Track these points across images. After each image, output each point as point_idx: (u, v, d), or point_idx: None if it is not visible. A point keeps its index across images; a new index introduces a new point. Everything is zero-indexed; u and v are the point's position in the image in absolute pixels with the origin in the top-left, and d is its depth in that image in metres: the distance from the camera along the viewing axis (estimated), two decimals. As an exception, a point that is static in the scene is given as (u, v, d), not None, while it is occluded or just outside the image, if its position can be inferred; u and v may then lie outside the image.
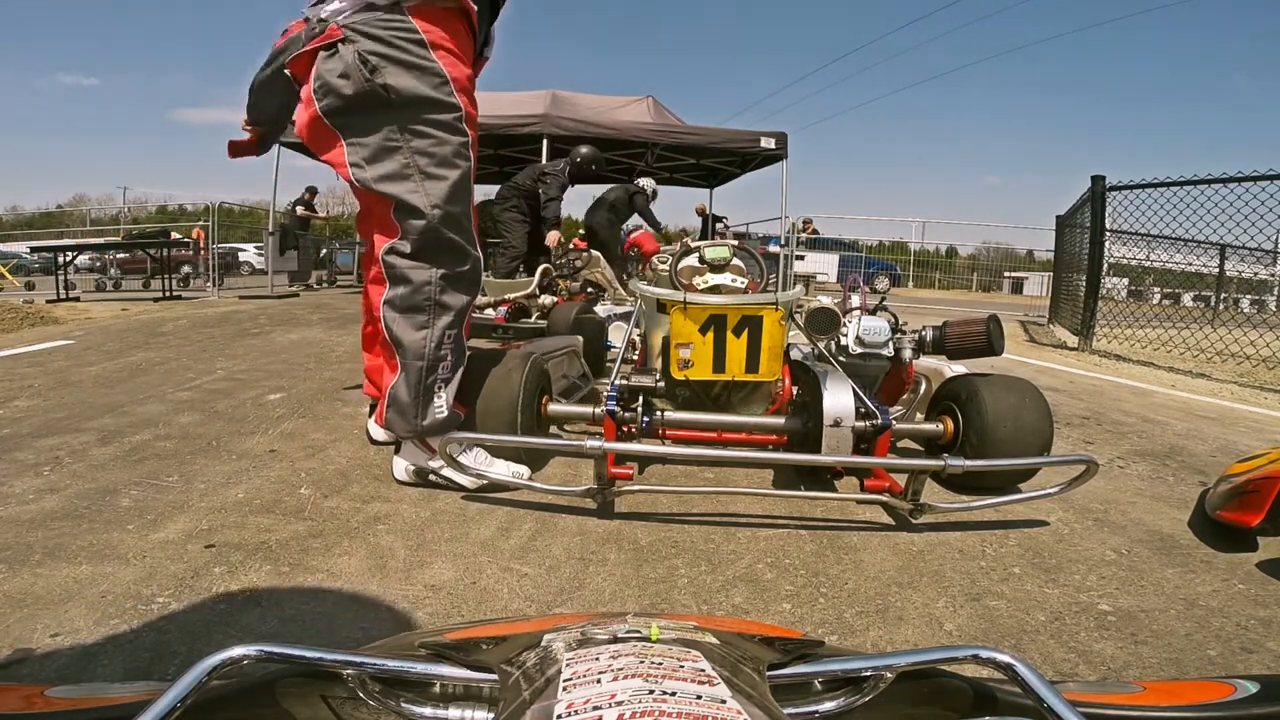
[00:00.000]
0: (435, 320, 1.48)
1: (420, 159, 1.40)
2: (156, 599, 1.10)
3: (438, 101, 1.39)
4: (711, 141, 7.71)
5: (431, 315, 1.48)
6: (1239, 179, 4.25)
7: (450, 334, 1.51)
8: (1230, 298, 7.99)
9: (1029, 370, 3.96)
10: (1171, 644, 1.10)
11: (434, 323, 1.48)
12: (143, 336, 4.09)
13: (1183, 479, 1.99)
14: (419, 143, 1.40)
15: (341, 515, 1.47)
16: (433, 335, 1.48)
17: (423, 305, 1.47)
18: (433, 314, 1.48)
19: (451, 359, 1.54)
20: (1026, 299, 12.03)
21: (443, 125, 1.41)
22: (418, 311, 1.48)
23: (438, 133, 1.41)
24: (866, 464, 1.57)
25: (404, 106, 1.38)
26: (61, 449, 1.84)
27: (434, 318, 1.48)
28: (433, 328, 1.48)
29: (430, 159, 1.41)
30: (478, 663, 0.37)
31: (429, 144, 1.41)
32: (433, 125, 1.40)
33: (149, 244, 8.20)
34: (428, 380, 1.50)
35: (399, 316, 1.48)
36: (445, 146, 1.42)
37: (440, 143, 1.41)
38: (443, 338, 1.50)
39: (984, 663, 0.35)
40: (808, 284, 9.21)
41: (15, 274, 11.58)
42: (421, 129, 1.40)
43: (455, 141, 1.43)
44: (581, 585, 1.22)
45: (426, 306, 1.47)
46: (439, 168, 1.42)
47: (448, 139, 1.42)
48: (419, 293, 1.46)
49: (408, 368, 1.50)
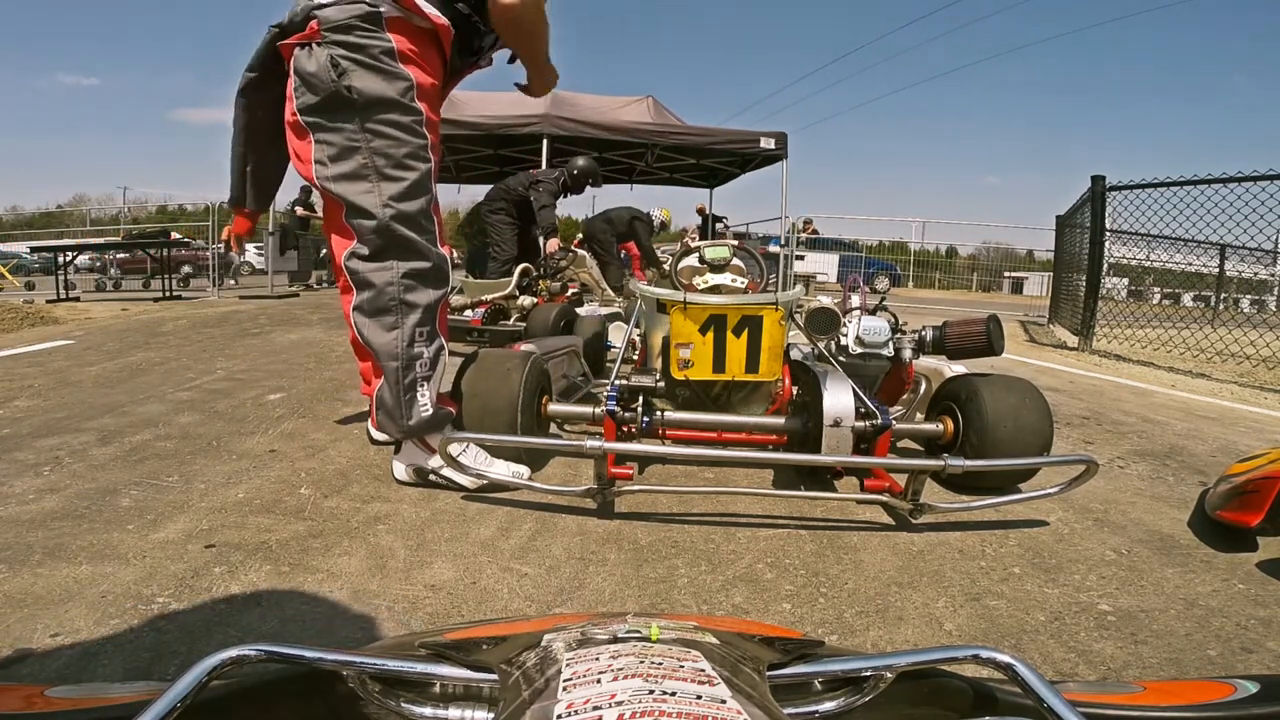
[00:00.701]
0: (403, 319, 1.49)
1: (378, 159, 1.43)
2: (156, 599, 1.10)
3: (399, 104, 1.42)
4: (711, 141, 7.71)
5: (399, 315, 1.49)
6: (1239, 179, 4.24)
7: (421, 331, 1.52)
8: (1230, 298, 7.99)
9: (1029, 370, 3.96)
10: (1171, 644, 1.10)
11: (403, 322, 1.49)
12: (143, 336, 4.09)
13: (1183, 479, 1.99)
14: (378, 143, 1.42)
15: (341, 515, 1.47)
16: (403, 335, 1.50)
17: (389, 306, 1.48)
18: (400, 314, 1.49)
19: (429, 355, 1.54)
20: (1026, 299, 12.03)
21: (402, 126, 1.43)
22: (385, 313, 1.49)
23: (397, 133, 1.43)
24: (866, 464, 1.57)
25: (366, 106, 1.40)
26: (61, 449, 1.84)
27: (402, 317, 1.49)
28: (402, 327, 1.49)
29: (387, 159, 1.43)
30: (478, 663, 0.37)
31: (387, 144, 1.43)
32: (392, 126, 1.43)
33: (149, 244, 8.20)
34: (406, 379, 1.51)
35: (368, 321, 1.50)
36: (403, 147, 1.44)
37: (399, 143, 1.44)
38: (414, 335, 1.50)
39: (984, 663, 0.35)
40: (808, 284, 9.21)
41: (15, 274, 11.59)
42: (381, 129, 1.42)
43: (414, 143, 1.45)
44: (581, 585, 1.22)
45: (393, 307, 1.48)
46: (395, 169, 1.44)
47: (406, 140, 1.44)
48: (383, 294, 1.48)
49: (386, 370, 1.51)
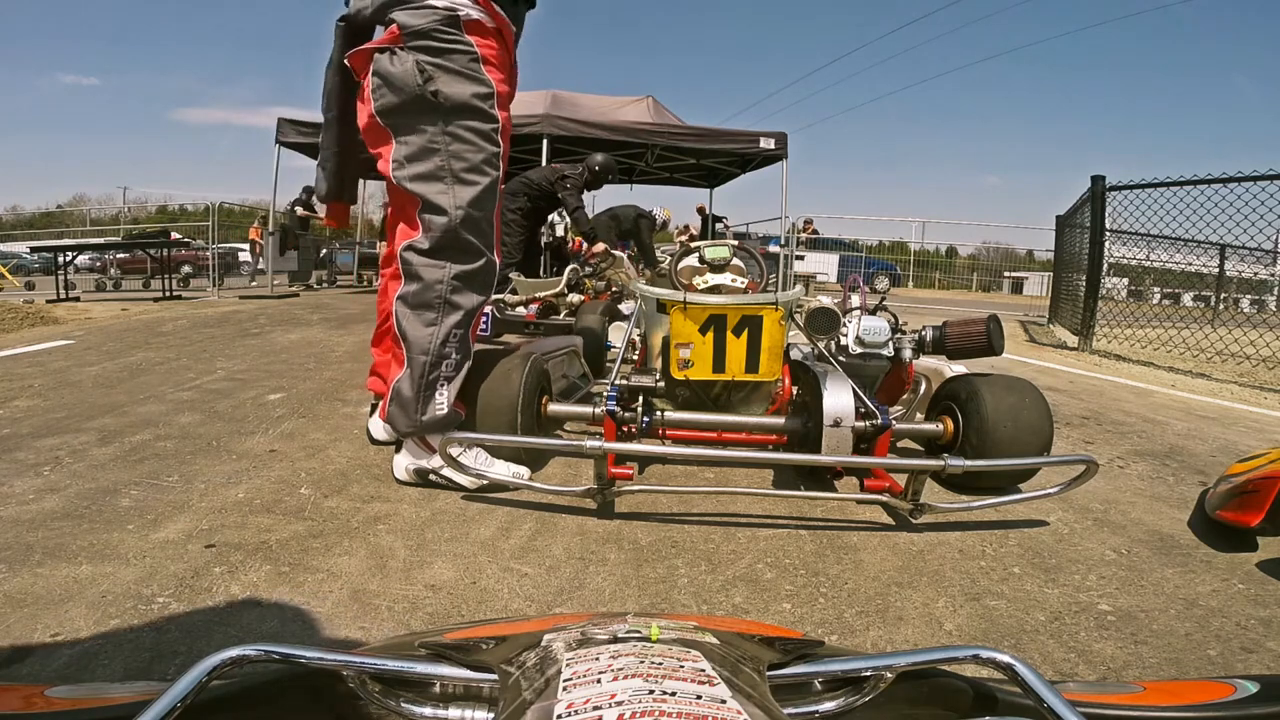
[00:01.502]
0: (444, 318, 1.53)
1: (455, 163, 1.48)
2: (156, 599, 1.10)
3: (481, 111, 1.47)
4: (711, 142, 7.71)
5: (441, 313, 1.52)
6: (1239, 179, 4.24)
7: (457, 333, 1.55)
8: (1230, 298, 7.99)
9: (1029, 370, 3.96)
10: (1171, 644, 1.10)
11: (442, 320, 1.53)
12: (143, 336, 4.09)
13: (1183, 479, 1.99)
14: (456, 146, 1.47)
15: (341, 515, 1.47)
16: (439, 332, 1.53)
17: (433, 302, 1.52)
18: (442, 311, 1.52)
19: (456, 357, 1.57)
20: (1026, 299, 12.04)
21: (481, 134, 1.48)
22: (428, 308, 1.52)
23: (475, 139, 1.48)
24: (866, 464, 1.57)
25: (450, 111, 1.45)
26: (61, 449, 1.84)
27: (443, 315, 1.53)
28: (440, 325, 1.53)
29: (464, 164, 1.48)
30: (478, 663, 0.37)
31: (465, 149, 1.48)
32: (472, 132, 1.48)
33: (149, 244, 8.20)
34: (430, 376, 1.54)
35: (409, 312, 1.53)
36: (480, 154, 1.49)
37: (476, 150, 1.49)
38: (449, 335, 1.53)
39: (984, 663, 0.35)
40: (808, 284, 9.21)
41: (15, 274, 11.58)
42: (461, 133, 1.47)
43: (489, 150, 1.50)
44: (581, 585, 1.22)
45: (437, 304, 1.52)
46: (470, 173, 1.49)
47: (484, 147, 1.49)
48: (430, 290, 1.52)
49: (413, 362, 1.54)
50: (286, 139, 7.52)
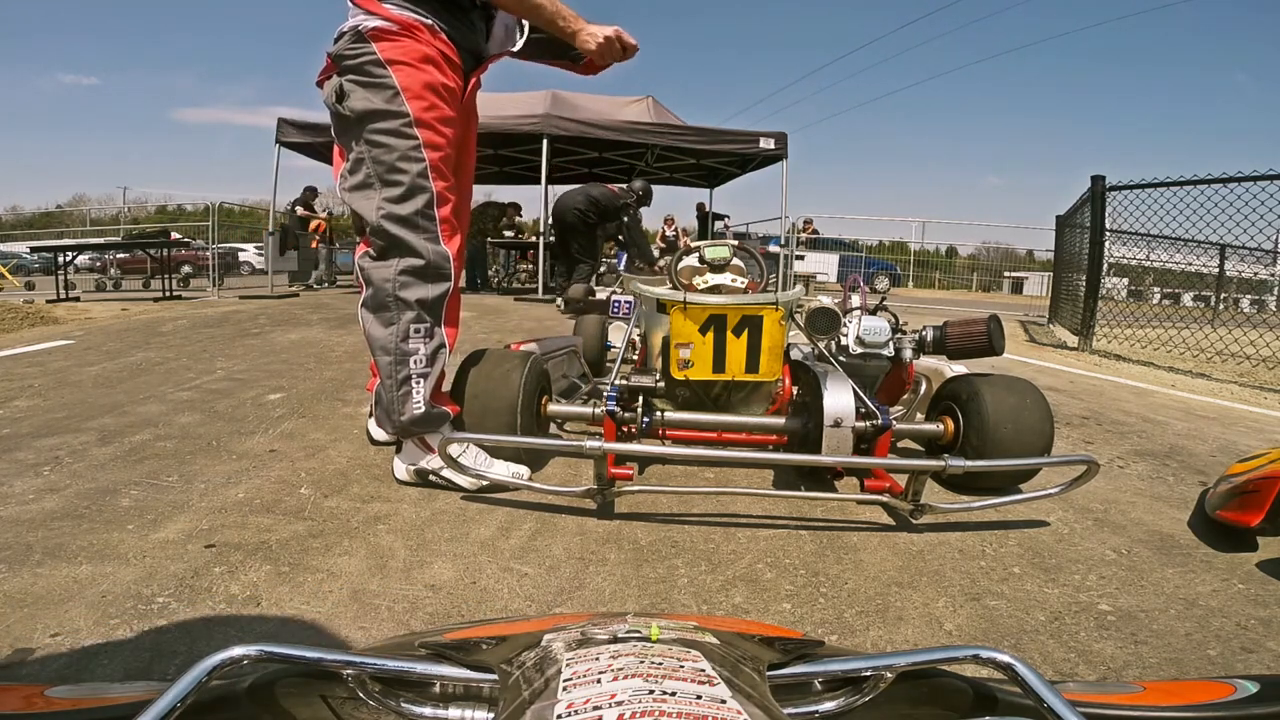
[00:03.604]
0: (399, 315, 1.56)
1: (376, 167, 1.53)
2: (156, 599, 1.10)
3: (386, 112, 1.51)
4: (711, 142, 7.72)
5: (395, 311, 1.56)
6: (1239, 179, 4.24)
7: (416, 328, 1.57)
8: (1230, 298, 7.99)
9: (1029, 370, 3.96)
10: (1171, 644, 1.10)
11: (398, 318, 1.56)
12: (143, 336, 4.09)
13: (1183, 479, 1.99)
14: (375, 152, 1.53)
15: (341, 515, 1.47)
16: (398, 330, 1.56)
17: (386, 302, 1.56)
18: (396, 309, 1.56)
19: (425, 352, 1.58)
20: (1026, 299, 12.04)
21: (391, 132, 1.52)
22: (383, 309, 1.56)
23: (387, 140, 1.52)
24: (867, 464, 1.56)
25: (360, 121, 1.52)
26: (61, 449, 1.84)
27: (398, 313, 1.56)
28: (398, 323, 1.56)
29: (383, 166, 1.53)
30: (478, 663, 0.37)
31: (381, 152, 1.53)
32: (383, 134, 1.52)
33: (149, 244, 8.20)
34: (399, 375, 1.56)
35: (370, 316, 1.58)
36: (393, 152, 1.53)
37: (389, 150, 1.53)
38: (408, 331, 1.56)
39: (984, 663, 0.35)
40: (808, 284, 9.21)
41: (15, 274, 11.59)
42: (375, 138, 1.52)
43: (402, 146, 1.53)
44: (581, 585, 1.22)
45: (390, 303, 1.56)
46: (390, 173, 1.54)
47: (395, 144, 1.53)
48: (381, 290, 1.56)
49: (380, 364, 1.58)
50: (287, 139, 7.53)
